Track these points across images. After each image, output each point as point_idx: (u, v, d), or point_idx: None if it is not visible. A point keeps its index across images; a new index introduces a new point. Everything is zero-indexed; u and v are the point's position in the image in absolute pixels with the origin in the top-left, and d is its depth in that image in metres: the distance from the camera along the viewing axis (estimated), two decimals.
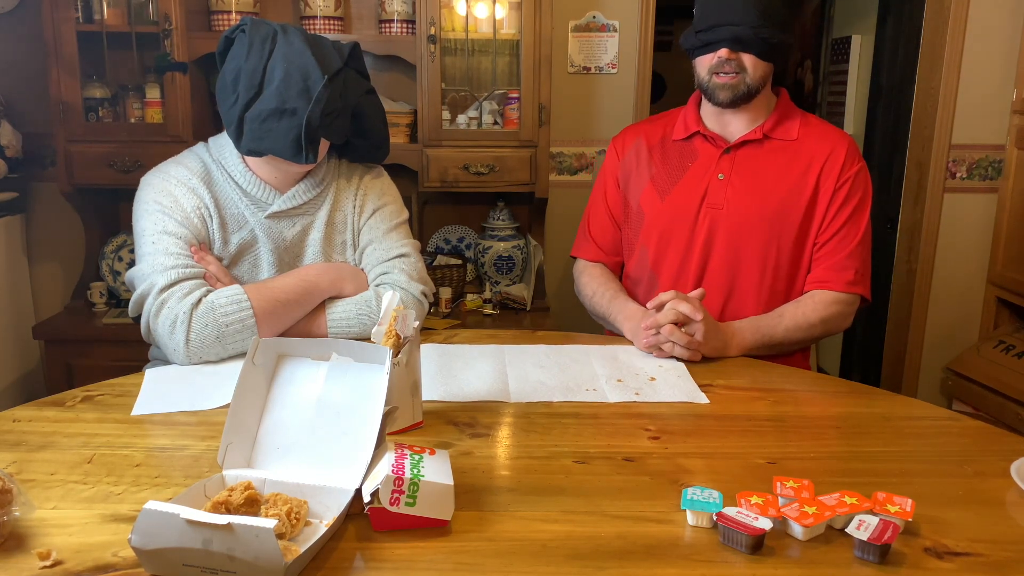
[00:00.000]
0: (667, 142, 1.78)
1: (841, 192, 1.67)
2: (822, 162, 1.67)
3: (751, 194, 1.68)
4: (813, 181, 1.67)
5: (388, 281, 1.61)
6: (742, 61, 1.61)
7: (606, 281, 1.80)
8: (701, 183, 1.71)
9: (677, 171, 1.74)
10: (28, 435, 1.14)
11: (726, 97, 1.63)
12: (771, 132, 1.70)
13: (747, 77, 1.62)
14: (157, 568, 0.81)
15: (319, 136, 1.50)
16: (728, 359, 1.55)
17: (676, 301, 1.49)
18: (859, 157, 1.71)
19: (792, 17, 1.64)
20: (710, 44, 1.61)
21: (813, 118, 1.76)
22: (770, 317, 1.65)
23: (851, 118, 3.82)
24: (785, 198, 1.67)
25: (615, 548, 0.88)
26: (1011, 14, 2.93)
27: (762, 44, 1.58)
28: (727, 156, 1.70)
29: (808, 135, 1.71)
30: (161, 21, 2.52)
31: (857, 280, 1.67)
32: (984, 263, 3.09)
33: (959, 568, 0.86)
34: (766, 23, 1.57)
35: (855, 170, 1.68)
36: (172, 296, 1.43)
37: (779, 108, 1.73)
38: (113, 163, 2.57)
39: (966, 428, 1.25)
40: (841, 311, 1.67)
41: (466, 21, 2.67)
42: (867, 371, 3.58)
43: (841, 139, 1.71)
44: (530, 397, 1.32)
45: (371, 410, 0.98)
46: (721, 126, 1.73)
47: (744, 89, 1.63)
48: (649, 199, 1.76)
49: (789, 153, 1.69)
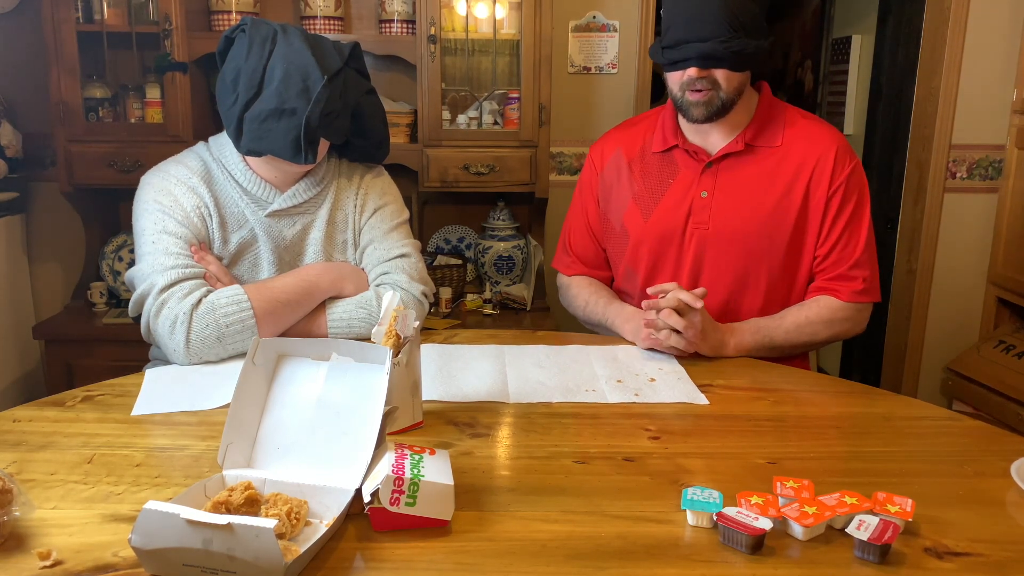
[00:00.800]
0: (647, 154, 1.71)
1: (835, 199, 1.60)
2: (811, 168, 1.60)
3: (736, 210, 1.61)
4: (802, 189, 1.60)
5: (388, 281, 1.61)
6: (714, 77, 1.52)
7: (597, 290, 1.77)
8: (684, 201, 1.64)
9: (658, 187, 1.68)
10: (28, 435, 1.14)
11: (700, 115, 1.56)
12: (754, 140, 1.62)
13: (721, 92, 1.54)
14: (157, 568, 0.81)
15: (319, 136, 1.50)
16: (728, 359, 1.55)
17: (678, 290, 1.47)
18: (851, 156, 1.62)
19: (764, 16, 1.54)
20: (678, 62, 1.53)
21: (799, 116, 1.67)
22: (771, 319, 1.62)
23: (851, 118, 3.82)
24: (773, 210, 1.60)
25: (615, 548, 0.88)
26: (1011, 14, 2.93)
27: (734, 57, 1.50)
28: (709, 171, 1.63)
29: (793, 139, 1.62)
30: (161, 21, 2.52)
31: (866, 289, 1.62)
32: (984, 263, 3.09)
33: (959, 568, 0.86)
34: (736, 34, 1.49)
35: (847, 173, 1.60)
36: (172, 296, 1.43)
37: (760, 111, 1.64)
38: (113, 163, 2.57)
39: (966, 428, 1.25)
40: (850, 318, 1.63)
41: (466, 21, 2.67)
42: (867, 371, 3.58)
43: (829, 140, 1.62)
44: (530, 398, 1.32)
45: (371, 410, 0.98)
46: (701, 138, 1.65)
47: (718, 104, 1.55)
48: (632, 218, 1.70)
49: (774, 161, 1.62)
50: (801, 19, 4.45)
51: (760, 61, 1.56)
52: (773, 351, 1.60)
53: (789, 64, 4.64)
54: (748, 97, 1.63)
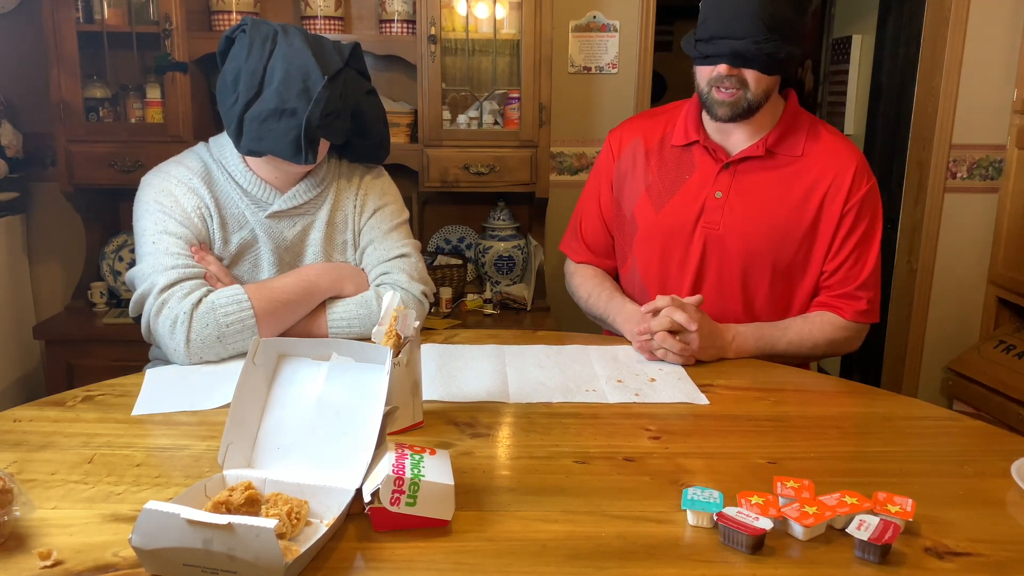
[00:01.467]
0: (665, 147, 1.70)
1: (848, 218, 1.58)
2: (827, 184, 1.58)
3: (748, 215, 1.60)
4: (816, 204, 1.59)
5: (389, 281, 1.61)
6: (743, 76, 1.51)
7: (601, 282, 1.77)
8: (697, 199, 1.63)
9: (674, 181, 1.67)
10: (29, 435, 1.14)
11: (725, 114, 1.54)
12: (775, 147, 1.61)
13: (748, 93, 1.52)
14: (157, 568, 0.81)
15: (319, 137, 1.50)
16: (728, 359, 1.55)
17: (671, 309, 1.46)
18: (868, 177, 1.61)
19: (801, 23, 1.53)
20: (709, 57, 1.51)
21: (823, 129, 1.65)
22: (775, 327, 1.60)
23: (851, 118, 3.82)
24: (785, 220, 1.59)
25: (615, 548, 0.88)
26: (1011, 14, 2.93)
27: (766, 59, 1.48)
28: (726, 172, 1.62)
29: (814, 151, 1.61)
30: (161, 21, 2.52)
31: (870, 310, 1.62)
32: (984, 263, 3.09)
33: (959, 568, 0.86)
34: (772, 36, 1.47)
35: (863, 193, 1.58)
36: (173, 296, 1.43)
37: (785, 117, 1.63)
38: (114, 163, 2.57)
39: (966, 428, 1.25)
40: (850, 336, 1.63)
41: (466, 21, 2.67)
42: (867, 371, 3.58)
43: (849, 158, 1.60)
44: (530, 397, 1.32)
45: (371, 410, 0.98)
46: (723, 136, 1.64)
47: (745, 105, 1.53)
48: (643, 209, 1.70)
49: (793, 171, 1.60)
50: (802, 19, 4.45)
51: (791, 67, 1.54)
52: (773, 359, 1.59)
53: None
54: (775, 102, 1.62)
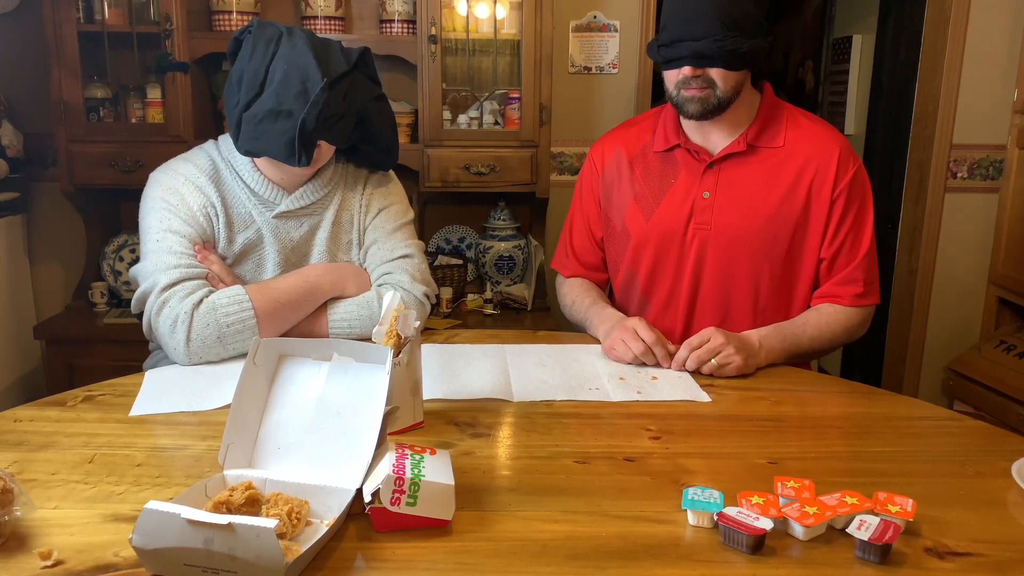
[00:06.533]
0: (648, 154, 1.69)
1: (839, 203, 1.59)
2: (813, 171, 1.59)
3: (738, 211, 1.60)
4: (804, 191, 1.59)
5: (391, 281, 1.61)
6: (709, 75, 1.52)
7: (586, 291, 1.77)
8: (686, 202, 1.63)
9: (660, 187, 1.67)
10: (29, 435, 1.14)
11: (695, 110, 1.55)
12: (756, 141, 1.61)
13: (717, 91, 1.52)
14: (158, 568, 0.81)
15: (314, 139, 1.48)
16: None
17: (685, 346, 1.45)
18: (853, 159, 1.62)
19: (763, 14, 1.53)
20: (672, 60, 1.53)
21: (801, 117, 1.66)
22: (793, 325, 1.59)
23: (852, 118, 3.82)
24: (774, 212, 1.59)
25: (616, 548, 0.88)
26: (1012, 14, 2.93)
27: (729, 56, 1.49)
28: (711, 172, 1.62)
29: (796, 140, 1.61)
30: (162, 21, 2.52)
31: (866, 292, 1.62)
32: (985, 263, 3.08)
33: (960, 568, 0.86)
34: (732, 32, 1.48)
35: (850, 176, 1.59)
36: (174, 296, 1.43)
37: (763, 110, 1.63)
38: (114, 163, 2.57)
39: (967, 428, 1.25)
40: (861, 322, 1.64)
41: (467, 21, 2.67)
42: (868, 371, 3.58)
43: (832, 143, 1.61)
44: (532, 396, 1.32)
45: (372, 410, 0.98)
46: (702, 137, 1.64)
47: (715, 102, 1.54)
48: (634, 219, 1.69)
49: (776, 162, 1.61)
50: (802, 19, 4.45)
51: (758, 60, 1.55)
52: (797, 357, 1.58)
53: (790, 64, 4.64)
54: (750, 97, 1.62)
